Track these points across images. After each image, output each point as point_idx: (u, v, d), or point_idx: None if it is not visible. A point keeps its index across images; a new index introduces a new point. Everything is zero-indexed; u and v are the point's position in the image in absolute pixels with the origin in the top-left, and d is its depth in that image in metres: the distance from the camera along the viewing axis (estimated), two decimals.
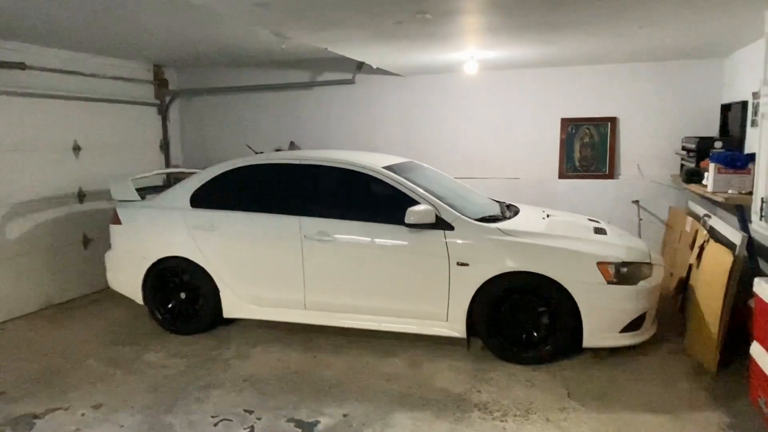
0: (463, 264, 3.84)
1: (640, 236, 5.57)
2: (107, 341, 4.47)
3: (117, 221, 4.68)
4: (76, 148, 5.63)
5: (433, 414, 3.26)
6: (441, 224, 3.90)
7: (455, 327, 3.96)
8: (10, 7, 3.70)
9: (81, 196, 5.70)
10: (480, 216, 4.10)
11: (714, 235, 4.11)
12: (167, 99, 6.84)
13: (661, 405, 3.31)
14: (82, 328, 4.80)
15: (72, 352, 4.26)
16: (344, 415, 3.27)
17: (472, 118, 6.25)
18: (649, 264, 3.87)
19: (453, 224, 3.91)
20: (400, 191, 4.06)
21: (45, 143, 5.31)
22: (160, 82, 6.71)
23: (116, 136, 6.10)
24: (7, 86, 4.91)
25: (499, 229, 3.93)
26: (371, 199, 4.37)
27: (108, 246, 4.80)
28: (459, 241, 3.88)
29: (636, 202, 5.78)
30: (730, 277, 3.50)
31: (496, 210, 4.45)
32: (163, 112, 6.83)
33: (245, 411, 3.35)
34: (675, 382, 3.58)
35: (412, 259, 3.97)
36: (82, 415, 3.35)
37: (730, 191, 4.07)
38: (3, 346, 4.43)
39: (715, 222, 4.27)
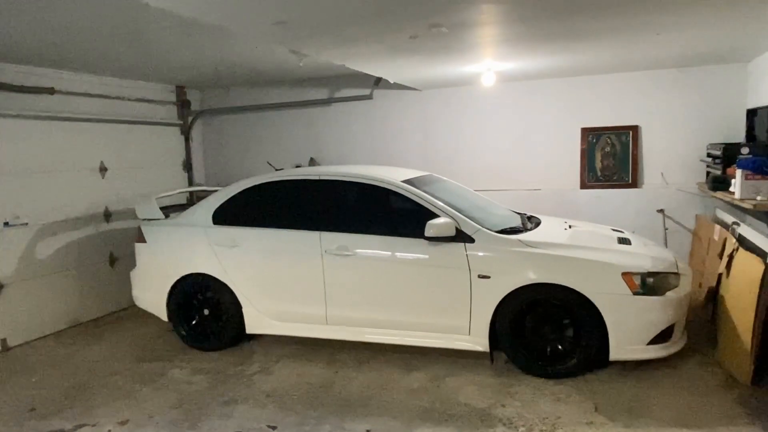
0: (484, 276, 3.82)
1: (666, 246, 5.46)
2: (133, 358, 4.54)
3: (142, 239, 4.76)
4: (103, 169, 5.78)
5: (457, 429, 3.22)
6: (461, 237, 3.88)
7: (478, 341, 3.92)
8: (43, 37, 3.85)
9: (107, 216, 5.83)
10: (501, 228, 4.08)
11: (743, 243, 4.01)
12: (190, 119, 6.98)
13: (692, 419, 3.21)
14: (109, 345, 4.88)
15: (99, 369, 4.34)
16: (367, 431, 3.25)
17: (491, 130, 6.24)
18: (677, 274, 3.80)
19: (473, 237, 3.89)
20: (420, 204, 4.07)
21: (73, 165, 5.47)
22: (182, 103, 6.86)
23: (141, 156, 6.24)
24: (37, 110, 5.08)
25: (520, 240, 3.90)
26: (391, 213, 4.39)
27: (133, 264, 4.89)
28: (480, 254, 3.86)
29: (661, 211, 5.69)
30: (762, 286, 3.40)
31: (517, 221, 4.42)
32: (186, 132, 6.97)
33: (269, 426, 3.35)
34: (707, 395, 3.48)
35: (433, 273, 3.96)
36: (109, 431, 3.39)
37: (758, 198, 3.98)
38: (33, 363, 4.53)
39: (744, 230, 4.17)
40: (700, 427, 3.13)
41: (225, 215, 4.56)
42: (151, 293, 4.73)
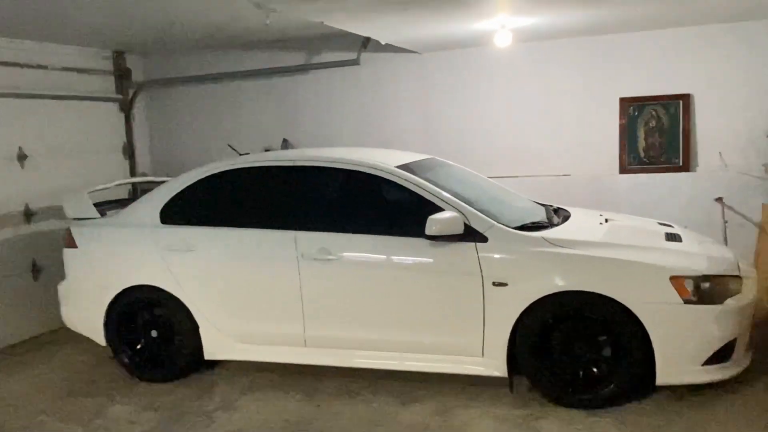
0: (500, 284, 3.83)
1: (725, 242, 5.49)
2: (64, 392, 4.52)
3: (72, 244, 4.74)
4: (22, 157, 5.74)
5: None
6: (471, 235, 3.89)
7: (493, 364, 3.93)
8: None
9: (28, 215, 5.79)
10: (520, 223, 4.10)
11: None
12: (131, 92, 6.95)
13: None
14: (33, 377, 4.85)
15: (21, 407, 4.31)
16: None
17: (508, 102, 6.25)
18: (738, 277, 3.82)
19: (486, 234, 3.91)
20: (420, 195, 4.08)
21: None
22: (121, 73, 6.82)
23: (70, 140, 6.20)
24: None
25: (544, 238, 3.92)
26: (384, 207, 4.43)
27: (62, 275, 4.86)
28: (495, 256, 3.87)
29: (719, 199, 5.71)
30: None
31: (540, 215, 4.44)
32: (126, 108, 6.93)
33: None
34: None
35: (437, 280, 3.98)
36: None
37: None
38: None
39: None
40: None
41: (176, 212, 4.56)
42: (85, 311, 4.71)
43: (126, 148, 6.98)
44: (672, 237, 4.22)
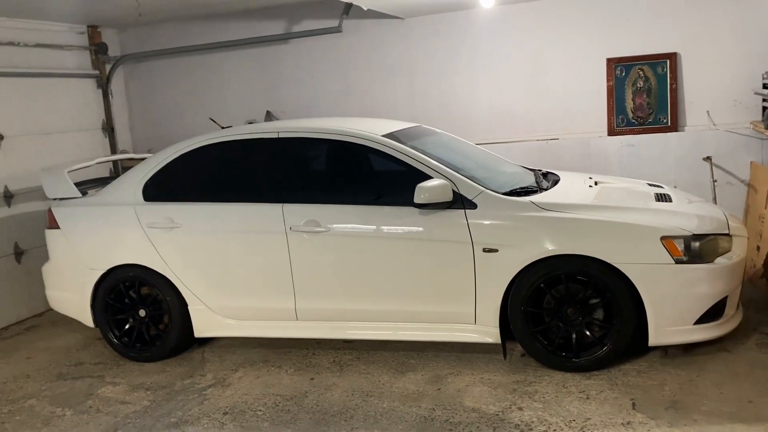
0: (491, 250, 3.83)
1: (715, 201, 5.51)
2: (52, 375, 4.51)
3: (54, 225, 4.70)
4: None
5: None
6: (460, 202, 3.89)
7: (486, 330, 3.96)
8: None
9: (8, 198, 5.72)
10: (509, 189, 4.09)
11: None
12: (108, 68, 6.85)
13: (753, 413, 3.28)
14: (20, 361, 4.84)
15: (9, 392, 4.30)
16: None
17: (494, 66, 6.19)
18: (728, 235, 3.85)
19: (475, 201, 3.90)
20: (407, 164, 4.06)
21: None
22: (97, 47, 6.72)
23: (47, 118, 6.12)
24: None
25: (533, 203, 3.91)
26: (372, 177, 4.43)
27: (45, 257, 4.83)
28: (484, 222, 3.87)
29: (708, 158, 5.72)
30: None
31: (529, 180, 4.44)
32: (104, 84, 6.84)
33: None
34: None
35: (427, 248, 3.98)
36: None
37: None
38: None
39: None
40: (764, 421, 3.19)
41: (159, 189, 4.52)
42: (71, 293, 4.70)
43: (105, 125, 6.89)
44: (662, 197, 4.23)
